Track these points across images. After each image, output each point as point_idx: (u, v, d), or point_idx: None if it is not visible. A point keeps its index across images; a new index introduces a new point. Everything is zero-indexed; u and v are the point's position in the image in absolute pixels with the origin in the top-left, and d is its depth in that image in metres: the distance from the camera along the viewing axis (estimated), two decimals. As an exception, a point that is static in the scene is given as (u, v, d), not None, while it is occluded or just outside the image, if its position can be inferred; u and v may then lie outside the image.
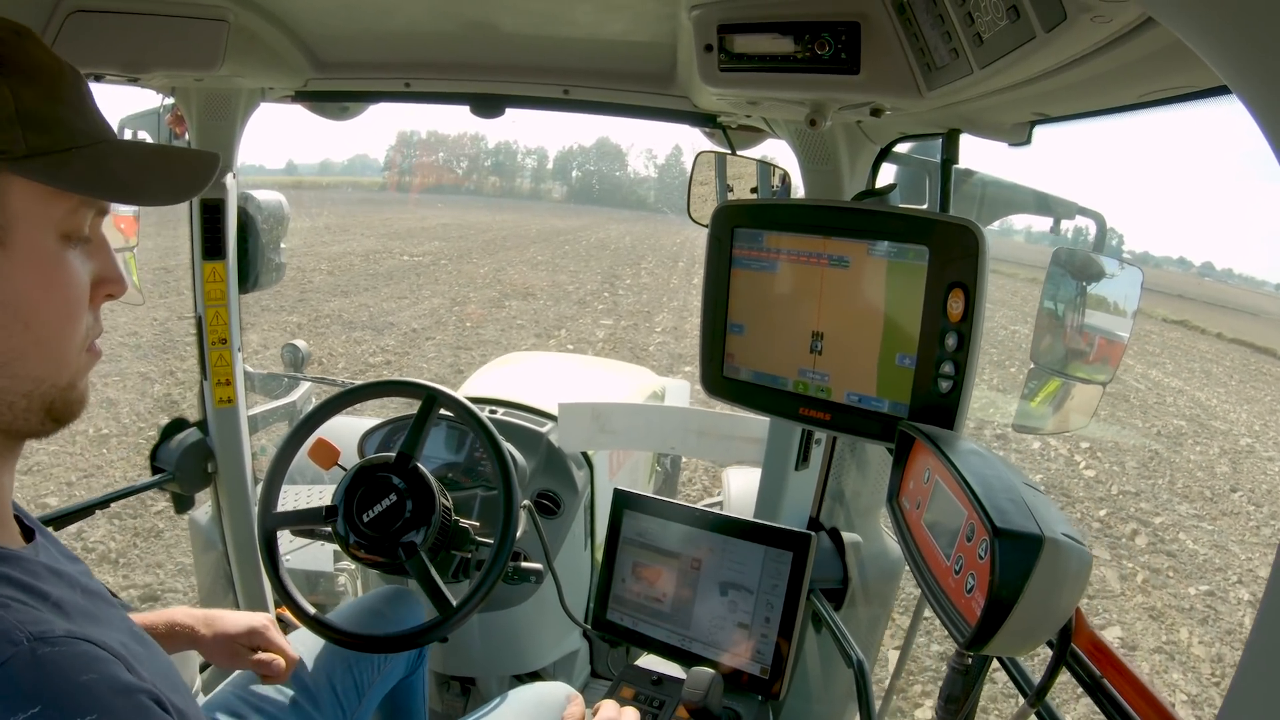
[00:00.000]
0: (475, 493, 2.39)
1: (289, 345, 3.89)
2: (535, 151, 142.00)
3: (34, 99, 0.81)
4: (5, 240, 0.79)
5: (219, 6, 1.55)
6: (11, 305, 0.80)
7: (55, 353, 0.86)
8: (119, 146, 0.89)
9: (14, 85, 0.79)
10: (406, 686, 2.04)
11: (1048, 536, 0.93)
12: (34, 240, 0.81)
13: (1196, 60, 0.61)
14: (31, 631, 0.72)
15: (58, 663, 0.71)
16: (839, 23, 1.23)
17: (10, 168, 0.79)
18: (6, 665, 0.68)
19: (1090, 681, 1.28)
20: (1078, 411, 1.98)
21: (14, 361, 0.82)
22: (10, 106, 0.79)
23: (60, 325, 0.85)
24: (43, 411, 0.86)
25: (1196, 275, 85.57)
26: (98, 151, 0.86)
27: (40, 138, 0.81)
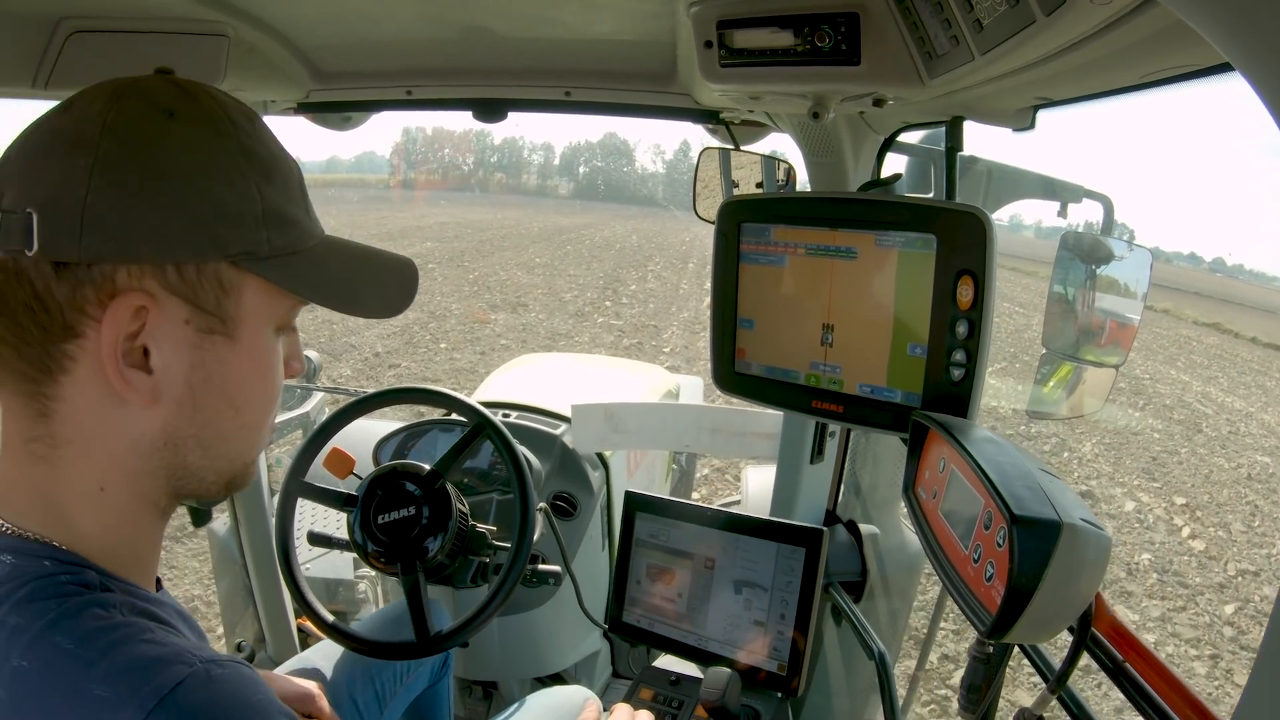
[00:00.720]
0: (491, 497, 2.39)
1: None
2: (542, 148, 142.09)
3: (275, 196, 0.83)
4: (234, 334, 0.83)
5: (218, 22, 1.55)
6: (229, 392, 0.85)
7: (255, 434, 0.91)
8: (333, 245, 0.92)
9: (260, 181, 0.82)
10: (431, 696, 2.05)
11: (1066, 522, 0.93)
12: (258, 334, 0.86)
13: (1198, 38, 0.60)
14: (201, 655, 0.74)
15: (232, 682, 0.74)
16: (838, 14, 1.23)
17: (253, 267, 0.82)
18: (184, 684, 0.71)
19: (1112, 666, 1.27)
20: (1091, 395, 1.97)
21: (217, 444, 0.86)
22: (258, 204, 0.81)
23: (264, 409, 0.91)
24: (224, 485, 0.91)
25: (1208, 270, 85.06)
26: (320, 251, 0.89)
27: (281, 238, 0.84)
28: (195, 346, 0.81)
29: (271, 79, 1.87)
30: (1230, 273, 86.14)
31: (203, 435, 0.84)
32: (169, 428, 0.82)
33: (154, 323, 0.77)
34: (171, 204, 0.76)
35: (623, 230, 42.81)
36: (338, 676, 1.82)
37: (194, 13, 1.51)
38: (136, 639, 0.73)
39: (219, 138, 0.79)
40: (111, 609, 0.76)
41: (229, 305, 0.81)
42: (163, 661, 0.72)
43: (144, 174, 0.75)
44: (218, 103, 0.81)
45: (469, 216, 46.15)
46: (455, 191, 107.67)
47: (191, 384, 0.81)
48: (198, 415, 0.83)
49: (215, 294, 0.80)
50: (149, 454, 0.82)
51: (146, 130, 0.76)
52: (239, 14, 1.57)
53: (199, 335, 0.80)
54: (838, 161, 1.86)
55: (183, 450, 0.84)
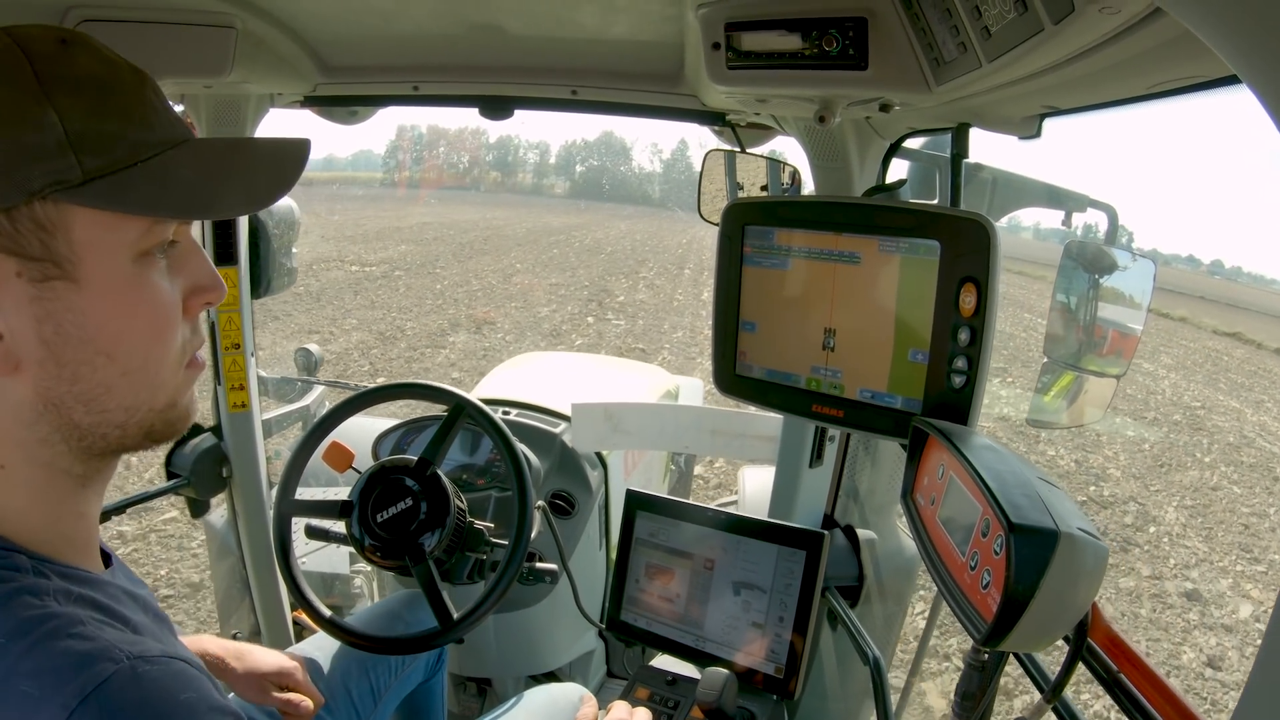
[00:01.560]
0: (489, 494, 2.39)
1: (302, 349, 3.90)
2: (538, 146, 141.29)
3: (84, 116, 0.76)
4: (74, 274, 0.76)
5: (227, 14, 1.56)
6: (91, 340, 0.78)
7: (146, 379, 0.83)
8: (191, 150, 0.83)
9: (60, 105, 0.74)
10: (425, 691, 2.05)
11: (1063, 531, 0.93)
12: (106, 268, 0.78)
13: (1205, 50, 0.60)
14: (130, 650, 0.72)
15: (159, 680, 0.72)
16: (846, 18, 1.23)
17: (68, 197, 0.75)
18: (109, 682, 0.69)
19: (1107, 676, 1.27)
20: (1092, 405, 1.97)
21: (101, 396, 0.80)
22: (58, 130, 0.74)
23: (148, 351, 0.82)
24: (142, 435, 0.85)
25: (1206, 273, 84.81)
26: (164, 162, 0.81)
27: (96, 159, 0.76)
28: (35, 299, 0.75)
29: (279, 72, 1.87)
30: (1229, 275, 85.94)
31: (79, 390, 0.79)
32: (41, 390, 0.78)
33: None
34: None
35: (616, 232, 41.33)
36: (333, 669, 1.82)
37: (202, 4, 1.52)
38: (65, 632, 0.72)
39: (8, 75, 0.73)
40: (45, 596, 0.74)
41: (58, 245, 0.75)
42: (89, 658, 0.70)
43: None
44: (14, 38, 0.75)
45: (455, 216, 44.32)
46: (449, 190, 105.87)
47: (45, 339, 0.76)
48: (64, 370, 0.78)
49: (37, 237, 0.74)
50: (34, 422, 0.79)
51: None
52: (247, 6, 1.57)
53: (35, 286, 0.75)
54: (843, 166, 1.86)
55: (65, 410, 0.79)
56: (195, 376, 0.90)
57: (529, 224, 42.15)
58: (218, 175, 0.85)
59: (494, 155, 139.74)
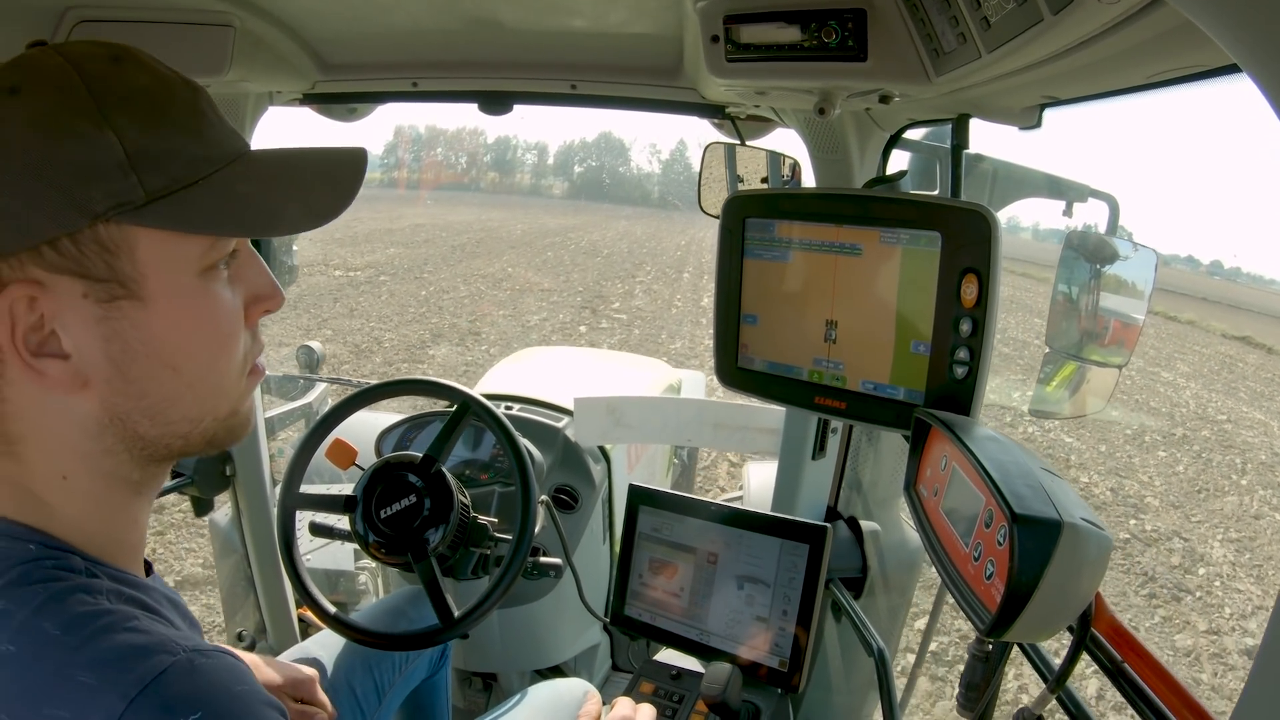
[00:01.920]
0: (493, 489, 2.39)
1: (303, 347, 3.91)
2: (536, 146, 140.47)
3: (142, 133, 0.75)
4: (140, 293, 0.77)
5: (224, 12, 1.55)
6: (157, 355, 0.79)
7: (211, 389, 0.85)
8: (248, 163, 0.84)
9: (118, 124, 0.74)
10: (430, 687, 2.05)
11: (1066, 521, 0.93)
12: (171, 285, 0.79)
13: (1205, 39, 0.60)
14: (186, 644, 0.73)
15: (215, 672, 0.73)
16: (845, 10, 1.23)
17: (131, 219, 0.75)
18: (167, 673, 0.70)
19: (1111, 666, 1.27)
20: (1094, 395, 1.97)
21: (167, 409, 0.82)
22: (118, 150, 0.74)
23: (213, 362, 0.84)
24: (204, 443, 0.87)
25: (1206, 273, 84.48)
26: (224, 178, 0.81)
27: (157, 178, 0.76)
28: (102, 319, 0.76)
29: (277, 70, 1.87)
30: (1228, 276, 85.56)
31: (145, 405, 0.81)
32: (108, 405, 0.79)
33: (50, 307, 0.74)
34: (22, 183, 0.72)
35: (613, 233, 40.05)
36: (337, 666, 1.82)
37: (200, 3, 1.51)
38: (121, 626, 0.73)
39: (64, 96, 0.73)
40: (98, 595, 0.75)
41: (123, 265, 0.76)
42: (146, 650, 0.71)
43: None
44: (65, 58, 0.75)
45: (450, 217, 43.44)
46: (447, 190, 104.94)
47: (112, 357, 0.77)
48: (132, 386, 0.79)
49: (102, 259, 0.75)
50: (99, 434, 0.80)
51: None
52: (245, 5, 1.57)
53: (102, 306, 0.76)
54: (843, 158, 1.86)
55: (131, 424, 0.81)
56: (256, 383, 0.92)
57: (525, 225, 41.05)
58: (276, 190, 0.85)
59: (492, 155, 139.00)
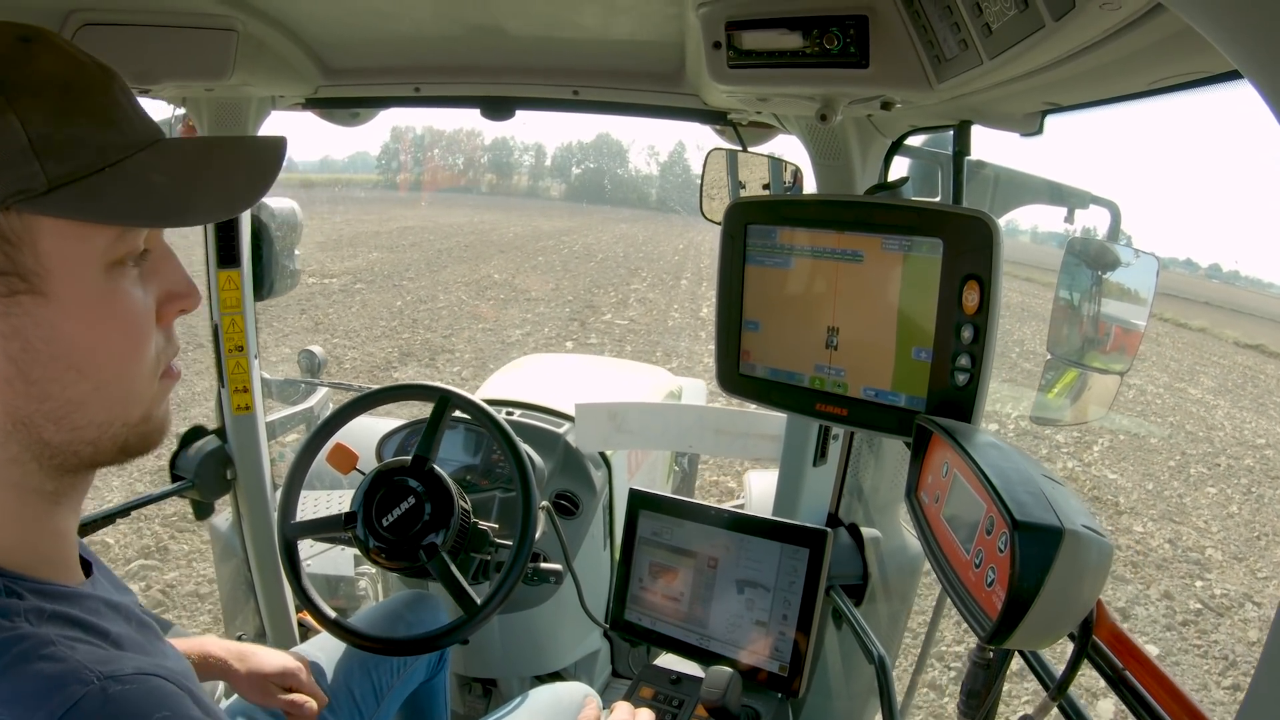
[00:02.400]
0: (493, 495, 2.39)
1: (305, 351, 3.90)
2: (533, 148, 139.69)
3: (48, 119, 0.71)
4: (42, 288, 0.73)
5: (228, 16, 1.56)
6: (61, 356, 0.75)
7: (120, 393, 0.80)
8: (163, 150, 0.80)
9: (21, 109, 0.70)
10: (428, 690, 2.05)
11: (1068, 528, 0.93)
12: (76, 280, 0.74)
13: (1206, 45, 0.60)
14: (101, 671, 0.70)
15: (131, 700, 0.70)
16: (847, 16, 1.23)
17: (32, 207, 0.71)
18: (78, 706, 0.67)
19: (1112, 674, 1.27)
20: (1096, 402, 1.97)
21: (72, 413, 0.77)
22: (20, 136, 0.70)
23: (121, 364, 0.79)
24: (115, 450, 0.82)
25: (1205, 276, 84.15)
26: (134, 166, 0.77)
27: (62, 165, 0.72)
28: (1, 315, 0.71)
29: (280, 74, 1.87)
30: (1227, 279, 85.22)
31: (48, 408, 0.75)
32: (10, 409, 0.74)
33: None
34: None
35: (610, 236, 38.21)
36: (336, 670, 1.82)
37: (203, 7, 1.52)
38: (35, 655, 0.69)
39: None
40: (15, 618, 0.72)
41: (24, 258, 0.71)
42: (58, 681, 0.68)
43: None
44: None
45: (443, 219, 41.28)
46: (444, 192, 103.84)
47: (12, 356, 0.72)
48: (34, 389, 0.74)
49: (1, 250, 0.70)
50: (3, 442, 0.75)
51: None
52: (248, 9, 1.57)
53: (1, 301, 0.71)
54: (845, 164, 1.86)
55: (35, 429, 0.76)
56: (170, 387, 0.86)
57: (518, 228, 39.08)
58: (192, 178, 0.82)
59: (490, 157, 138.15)
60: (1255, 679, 0.59)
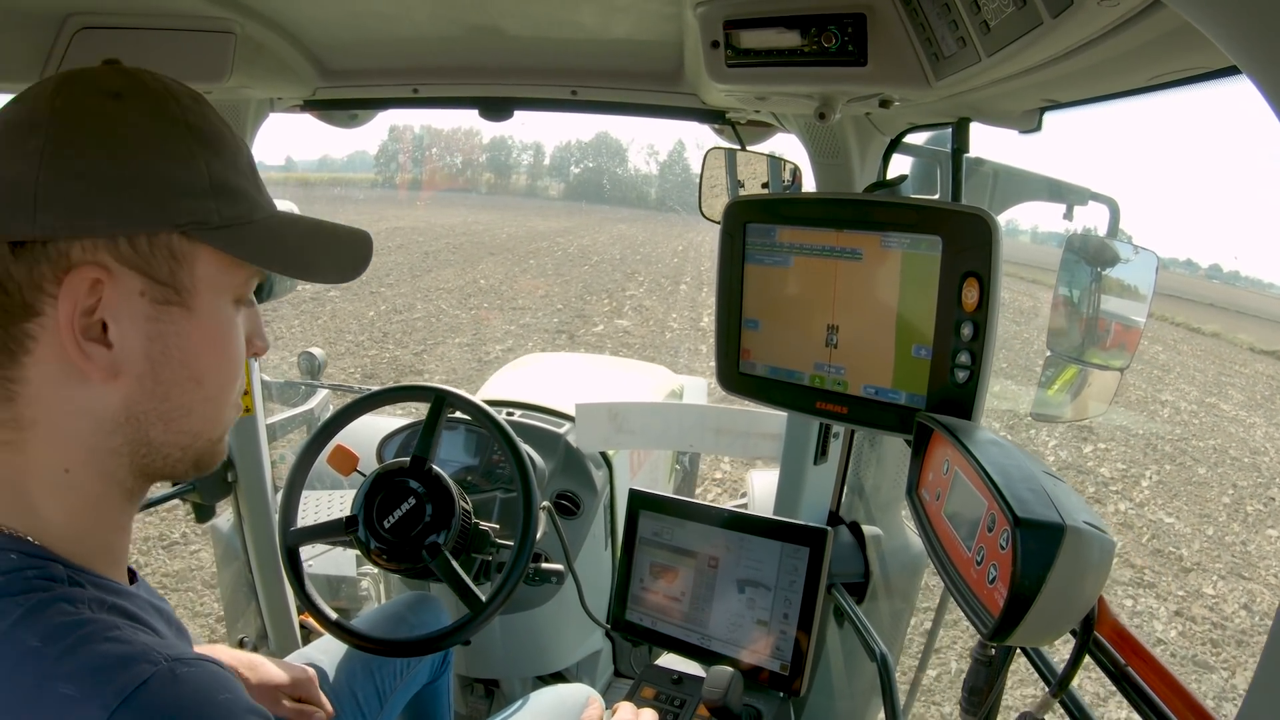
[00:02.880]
0: (494, 495, 2.39)
1: (305, 353, 3.91)
2: (531, 147, 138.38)
3: (222, 169, 0.84)
4: (190, 304, 0.84)
5: (225, 19, 1.56)
6: (188, 365, 0.85)
7: (215, 410, 0.91)
8: (286, 219, 0.93)
9: (205, 153, 0.83)
10: (431, 692, 2.05)
11: (1069, 525, 0.93)
12: (214, 305, 0.86)
13: (1205, 41, 0.60)
14: (167, 653, 0.74)
15: (197, 681, 0.74)
16: (845, 14, 1.23)
17: (203, 236, 0.83)
18: (148, 683, 0.70)
19: (1115, 670, 1.27)
20: (1096, 399, 1.97)
21: (181, 418, 0.87)
22: (205, 175, 0.83)
23: (226, 383, 0.91)
24: (191, 463, 0.91)
25: (1205, 277, 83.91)
26: (272, 223, 0.90)
27: (230, 209, 0.85)
28: (152, 319, 0.82)
29: (278, 76, 1.87)
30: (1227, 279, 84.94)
31: (164, 409, 0.85)
32: (130, 402, 0.83)
33: (110, 296, 0.79)
34: (120, 179, 0.78)
35: (607, 237, 36.90)
36: (339, 672, 1.82)
37: (201, 10, 1.52)
38: (101, 636, 0.73)
39: (164, 115, 0.81)
40: (79, 604, 0.76)
41: (183, 275, 0.83)
42: (128, 660, 0.72)
43: (93, 152, 0.77)
44: (163, 84, 0.83)
45: (437, 220, 40.49)
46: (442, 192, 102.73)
47: (150, 356, 0.82)
48: (158, 388, 0.84)
49: (168, 264, 0.81)
50: (112, 431, 0.83)
51: (94, 111, 0.79)
52: (246, 11, 1.57)
53: (155, 307, 0.82)
54: (844, 162, 1.86)
55: (145, 425, 0.84)
56: (238, 416, 0.99)
57: (512, 229, 38.30)
58: (314, 243, 0.97)
59: (488, 157, 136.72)
60: (1257, 676, 0.59)
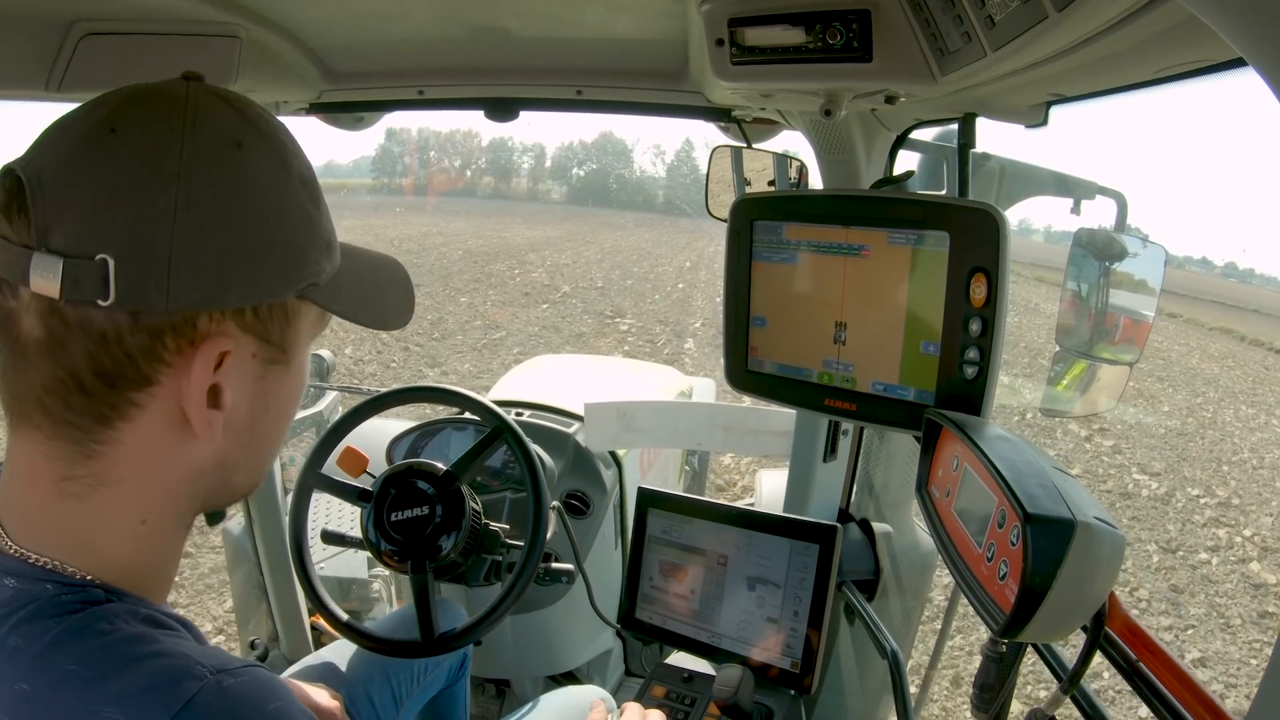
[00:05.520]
0: (504, 495, 2.40)
1: (313, 355, 3.91)
2: (533, 149, 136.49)
3: (325, 223, 0.83)
4: (290, 360, 0.83)
5: (230, 23, 1.56)
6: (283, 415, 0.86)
7: (277, 447, 0.91)
8: (347, 258, 0.90)
9: (316, 210, 0.81)
10: (449, 696, 2.05)
11: (1080, 521, 0.93)
12: (302, 355, 0.86)
13: (1211, 33, 0.60)
14: (212, 664, 0.71)
15: (246, 692, 0.72)
16: (849, 11, 1.23)
17: (312, 296, 0.82)
18: (195, 699, 0.68)
19: (1126, 665, 1.27)
20: (1105, 393, 1.97)
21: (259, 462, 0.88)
22: (319, 236, 0.81)
23: (283, 433, 0.91)
24: (240, 494, 0.90)
25: (1221, 275, 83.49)
26: (348, 271, 0.89)
27: (331, 264, 0.84)
28: (259, 378, 0.81)
29: (284, 80, 1.87)
30: (1242, 277, 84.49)
31: (251, 456, 0.85)
32: (222, 454, 0.81)
33: (230, 363, 0.76)
34: (254, 247, 0.75)
35: (596, 250, 30.91)
36: (353, 675, 1.82)
37: (206, 15, 1.52)
38: (142, 653, 0.71)
39: (282, 168, 0.78)
40: (115, 619, 0.73)
41: (289, 334, 0.82)
42: (172, 677, 0.69)
43: (228, 216, 0.73)
44: (270, 126, 0.79)
45: (408, 230, 34.76)
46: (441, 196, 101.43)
47: (253, 413, 0.81)
48: (252, 440, 0.83)
49: (280, 326, 0.80)
50: (198, 479, 0.81)
51: (224, 165, 0.73)
52: (251, 15, 1.58)
53: (264, 366, 0.80)
54: (850, 159, 1.86)
55: (231, 472, 0.83)
56: None
57: (482, 240, 32.47)
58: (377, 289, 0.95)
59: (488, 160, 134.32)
60: (1268, 673, 0.59)
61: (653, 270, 24.54)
